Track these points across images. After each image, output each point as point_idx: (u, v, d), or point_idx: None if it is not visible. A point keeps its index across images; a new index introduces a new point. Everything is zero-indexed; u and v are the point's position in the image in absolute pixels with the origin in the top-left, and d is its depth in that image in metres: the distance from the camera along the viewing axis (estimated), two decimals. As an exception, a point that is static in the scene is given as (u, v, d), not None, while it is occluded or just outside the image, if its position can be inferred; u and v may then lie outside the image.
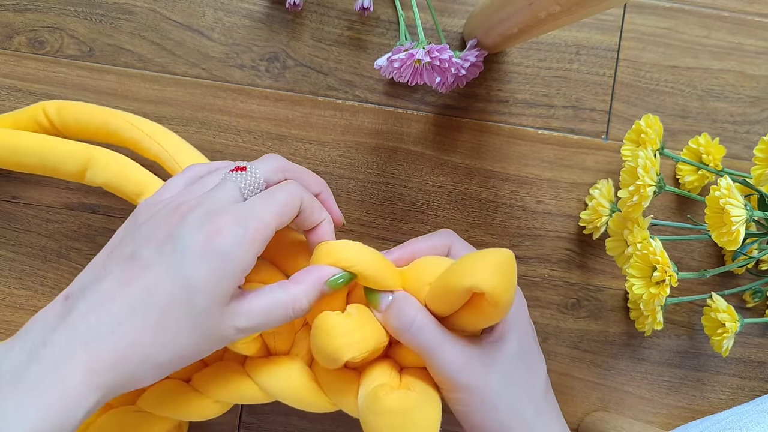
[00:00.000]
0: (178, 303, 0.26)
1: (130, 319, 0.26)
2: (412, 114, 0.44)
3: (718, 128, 0.45)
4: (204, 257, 0.26)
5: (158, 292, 0.26)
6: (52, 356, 0.25)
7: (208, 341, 0.27)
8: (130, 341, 0.26)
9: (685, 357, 0.45)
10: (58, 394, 0.24)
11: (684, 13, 0.45)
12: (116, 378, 0.26)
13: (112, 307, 0.26)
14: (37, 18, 0.42)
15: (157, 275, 0.26)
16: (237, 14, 0.43)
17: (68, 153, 0.37)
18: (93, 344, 0.25)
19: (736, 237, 0.33)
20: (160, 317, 0.26)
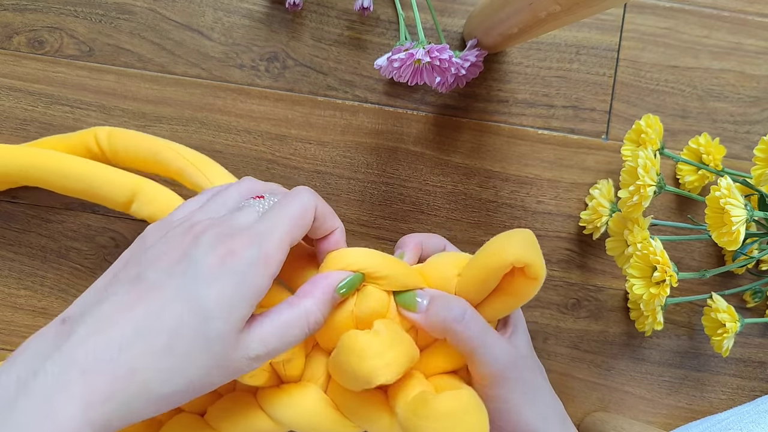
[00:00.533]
0: (189, 327, 0.24)
1: (132, 345, 0.23)
2: (412, 114, 0.44)
3: (718, 128, 0.45)
4: (218, 279, 0.24)
5: (166, 316, 0.24)
6: (44, 388, 0.22)
7: (220, 372, 0.25)
8: (130, 369, 0.23)
9: (686, 357, 0.45)
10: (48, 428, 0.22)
11: (684, 13, 0.45)
12: (113, 410, 0.23)
13: (113, 331, 0.24)
14: (36, 18, 0.42)
15: (165, 297, 0.24)
16: (237, 14, 0.43)
17: (116, 183, 0.37)
18: (90, 373, 0.23)
19: (736, 237, 0.33)
20: (167, 343, 0.24)
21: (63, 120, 0.42)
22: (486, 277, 0.29)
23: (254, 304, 0.25)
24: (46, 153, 0.38)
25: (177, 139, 0.42)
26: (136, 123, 0.42)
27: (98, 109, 0.42)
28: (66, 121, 0.42)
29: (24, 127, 0.42)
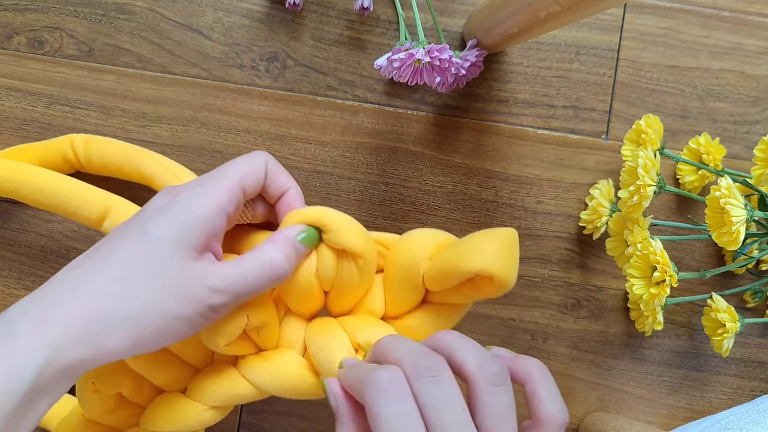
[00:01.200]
0: (139, 254, 0.26)
1: (89, 278, 0.26)
2: (412, 114, 0.44)
3: (718, 128, 0.45)
4: (166, 213, 0.27)
5: (120, 251, 0.26)
6: (7, 320, 0.25)
7: (178, 300, 0.26)
8: (88, 296, 0.25)
9: (686, 357, 0.45)
10: (6, 352, 0.24)
11: (684, 13, 0.45)
12: (72, 335, 0.25)
13: (71, 273, 0.26)
14: (36, 18, 0.42)
15: (120, 239, 0.27)
16: (237, 14, 0.43)
17: (89, 199, 0.37)
18: (47, 304, 0.25)
19: (736, 237, 0.33)
20: (121, 272, 0.26)
21: (63, 120, 0.42)
22: (450, 276, 0.29)
23: (205, 232, 0.27)
24: (18, 165, 0.38)
25: (177, 139, 0.42)
26: (136, 123, 0.42)
27: (98, 109, 0.42)
28: (66, 121, 0.42)
29: (24, 127, 0.42)
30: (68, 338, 0.25)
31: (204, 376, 0.33)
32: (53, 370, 0.24)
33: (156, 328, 0.26)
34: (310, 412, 0.43)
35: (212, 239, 0.28)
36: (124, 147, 0.39)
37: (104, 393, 0.32)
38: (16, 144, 0.42)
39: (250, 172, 0.29)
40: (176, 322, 0.26)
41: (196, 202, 0.27)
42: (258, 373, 0.32)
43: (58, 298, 0.26)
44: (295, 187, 0.32)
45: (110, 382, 0.32)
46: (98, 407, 0.33)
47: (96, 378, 0.32)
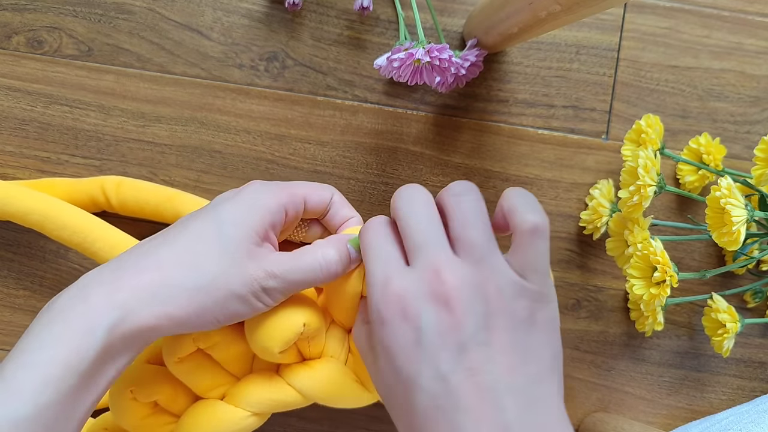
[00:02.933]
0: (207, 233, 0.29)
1: (159, 249, 0.29)
2: (412, 114, 0.44)
3: (718, 128, 0.45)
4: (233, 201, 0.30)
5: (190, 228, 0.29)
6: (82, 285, 0.28)
7: (238, 276, 0.28)
8: (157, 264, 0.28)
9: (686, 357, 0.45)
10: (80, 312, 0.26)
11: (684, 12, 0.45)
12: (140, 298, 0.27)
13: (144, 245, 0.29)
14: (35, 17, 0.42)
15: (192, 219, 0.30)
16: (236, 14, 0.43)
17: (113, 243, 0.38)
18: (119, 269, 0.28)
19: (736, 237, 0.33)
20: (188, 244, 0.28)
21: (62, 120, 0.42)
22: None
23: (266, 220, 0.29)
24: (48, 200, 0.38)
25: (176, 138, 0.42)
26: (135, 123, 0.42)
27: (97, 108, 0.42)
28: (65, 121, 0.42)
29: (23, 126, 0.42)
30: (137, 300, 0.27)
31: (248, 383, 0.34)
32: (122, 331, 0.26)
33: (217, 300, 0.28)
34: (310, 412, 0.43)
35: (271, 229, 0.30)
36: (160, 189, 0.40)
37: (141, 401, 0.32)
38: (14, 143, 0.42)
39: (315, 192, 0.32)
40: (233, 300, 0.28)
41: (260, 194, 0.30)
42: (304, 380, 0.32)
43: (129, 265, 0.28)
44: (357, 217, 0.34)
45: (148, 389, 0.32)
46: (133, 415, 0.33)
47: (134, 385, 0.32)
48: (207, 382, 0.33)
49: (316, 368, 0.33)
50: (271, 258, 0.29)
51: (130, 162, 0.42)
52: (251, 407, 0.33)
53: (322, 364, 0.33)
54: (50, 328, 0.26)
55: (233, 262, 0.28)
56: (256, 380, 0.33)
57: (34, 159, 0.42)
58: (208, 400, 0.34)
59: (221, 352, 0.33)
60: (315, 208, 0.33)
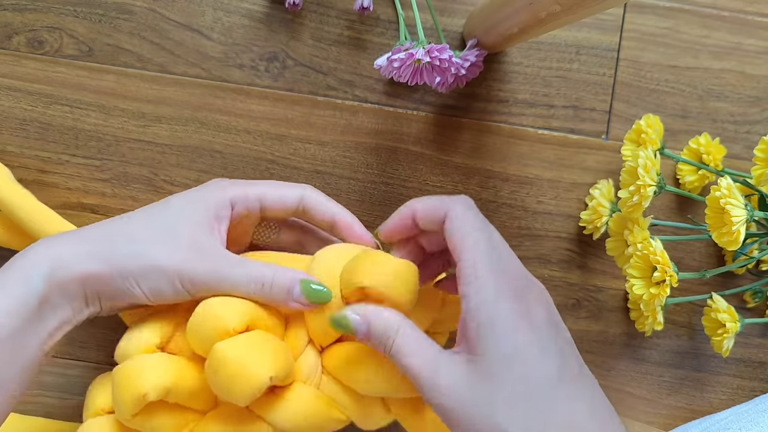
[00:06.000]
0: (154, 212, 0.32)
1: (105, 223, 0.32)
2: (412, 114, 0.44)
3: (718, 128, 0.45)
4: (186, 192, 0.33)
5: (141, 210, 0.32)
6: (28, 246, 0.30)
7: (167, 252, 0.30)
8: (97, 230, 0.31)
9: (686, 357, 0.45)
10: (19, 265, 0.29)
11: (684, 12, 0.45)
12: (75, 253, 0.29)
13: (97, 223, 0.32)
14: (36, 18, 0.42)
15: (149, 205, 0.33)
16: (236, 14, 0.43)
17: None
18: (64, 235, 0.31)
19: (736, 237, 0.33)
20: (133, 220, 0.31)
21: (62, 120, 0.42)
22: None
23: (210, 212, 0.31)
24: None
25: (176, 138, 0.42)
26: (135, 123, 0.42)
27: (98, 108, 0.42)
28: (65, 121, 0.42)
29: (23, 126, 0.42)
30: (72, 255, 0.29)
31: (212, 421, 0.31)
32: (58, 280, 0.29)
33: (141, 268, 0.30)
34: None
35: (216, 222, 0.31)
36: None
37: None
38: (15, 143, 0.42)
39: (274, 191, 0.33)
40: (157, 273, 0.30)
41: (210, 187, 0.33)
42: (278, 412, 0.30)
43: (74, 232, 0.31)
44: (344, 212, 0.34)
45: None
46: None
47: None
48: (170, 426, 0.31)
49: (289, 398, 0.30)
50: (210, 250, 0.30)
51: (131, 162, 0.42)
52: None
53: (294, 393, 0.31)
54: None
55: (170, 241, 0.30)
56: (223, 416, 0.31)
57: (35, 159, 0.42)
58: None
59: (177, 395, 0.30)
60: (274, 206, 0.33)
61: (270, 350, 0.29)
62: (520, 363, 0.24)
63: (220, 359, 0.28)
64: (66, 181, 0.42)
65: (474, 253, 0.26)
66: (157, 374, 0.29)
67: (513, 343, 0.25)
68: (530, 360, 0.24)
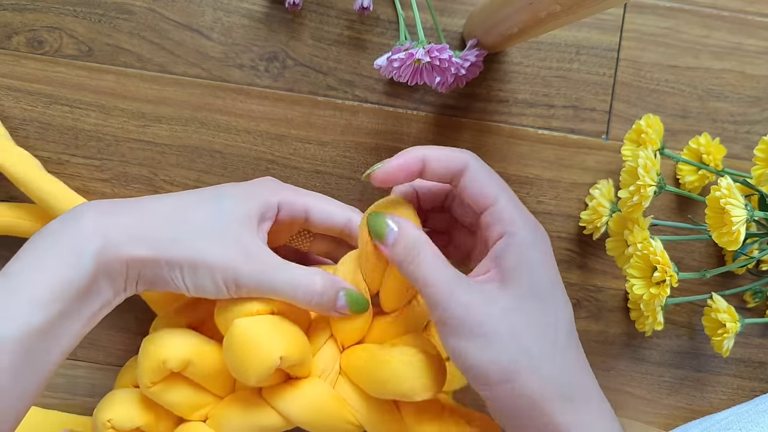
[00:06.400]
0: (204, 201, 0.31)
1: (153, 203, 0.30)
2: (412, 114, 0.44)
3: (718, 128, 0.45)
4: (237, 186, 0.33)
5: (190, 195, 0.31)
6: (78, 211, 0.29)
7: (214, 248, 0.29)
8: (146, 212, 0.29)
9: (686, 357, 0.45)
10: (71, 234, 0.27)
11: (684, 12, 0.45)
12: (121, 233, 0.28)
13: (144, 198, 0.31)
14: (36, 18, 0.42)
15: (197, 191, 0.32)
16: (236, 14, 0.43)
17: None
18: (113, 207, 0.29)
19: (736, 237, 0.33)
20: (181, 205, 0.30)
21: (62, 120, 0.42)
22: None
23: (260, 207, 0.31)
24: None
25: (176, 138, 0.42)
26: (135, 123, 0.42)
27: (97, 108, 0.42)
28: (65, 121, 0.42)
29: (23, 126, 0.42)
30: (119, 235, 0.28)
31: (227, 406, 0.32)
32: (106, 259, 0.27)
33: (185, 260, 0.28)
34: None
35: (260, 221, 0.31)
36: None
37: (121, 430, 0.32)
38: (15, 143, 0.42)
39: (322, 206, 0.33)
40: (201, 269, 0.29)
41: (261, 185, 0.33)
42: (287, 402, 0.31)
43: (121, 208, 0.30)
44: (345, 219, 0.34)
45: (127, 418, 0.32)
46: None
47: (113, 414, 0.31)
48: (187, 404, 0.32)
49: (302, 389, 0.31)
50: (256, 251, 0.30)
51: (131, 162, 0.42)
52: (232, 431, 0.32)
53: (307, 385, 0.31)
54: (41, 248, 0.27)
55: (216, 236, 0.29)
56: (238, 402, 0.32)
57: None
58: (191, 424, 0.32)
59: (196, 372, 0.31)
60: (319, 221, 0.33)
61: (285, 333, 0.30)
62: (551, 301, 0.27)
63: (235, 334, 0.29)
64: (66, 181, 0.42)
65: (508, 199, 0.28)
66: (179, 345, 0.30)
67: (548, 282, 0.27)
68: (559, 302, 0.27)
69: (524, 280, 0.26)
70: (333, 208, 0.33)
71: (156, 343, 0.31)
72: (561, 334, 0.26)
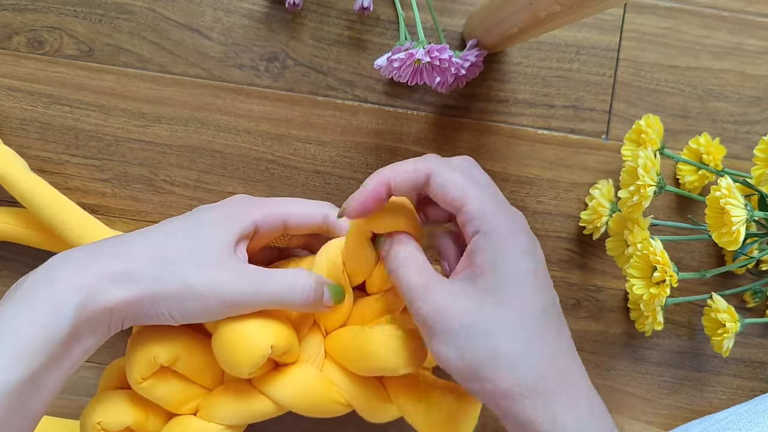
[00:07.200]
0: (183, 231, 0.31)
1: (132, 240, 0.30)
2: (412, 114, 0.44)
3: (718, 128, 0.45)
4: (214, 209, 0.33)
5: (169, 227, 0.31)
6: (51, 266, 0.28)
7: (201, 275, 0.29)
8: (125, 252, 0.29)
9: (686, 357, 0.45)
10: (47, 291, 0.27)
11: (684, 13, 0.45)
12: (102, 281, 0.28)
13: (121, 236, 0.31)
14: (36, 18, 0.42)
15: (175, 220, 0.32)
16: (236, 14, 0.43)
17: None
18: (89, 255, 0.29)
19: (736, 237, 0.33)
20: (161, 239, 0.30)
21: (62, 120, 0.42)
22: None
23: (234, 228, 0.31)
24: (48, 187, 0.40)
25: (176, 138, 0.42)
26: (135, 123, 0.42)
27: (98, 109, 0.42)
28: (65, 121, 0.42)
29: (24, 127, 0.42)
30: (101, 284, 0.28)
31: (218, 395, 0.33)
32: (88, 312, 0.27)
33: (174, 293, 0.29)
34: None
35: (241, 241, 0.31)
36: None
37: (111, 431, 0.32)
38: (15, 143, 0.42)
39: (300, 212, 0.34)
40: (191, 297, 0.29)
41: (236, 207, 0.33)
42: (278, 388, 0.32)
43: (99, 252, 0.29)
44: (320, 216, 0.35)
45: (115, 417, 0.32)
46: None
47: (102, 416, 0.32)
48: (177, 398, 0.32)
49: (291, 375, 0.32)
50: (244, 270, 0.30)
51: (131, 162, 0.42)
52: (225, 420, 0.32)
53: (296, 370, 0.32)
54: (18, 307, 0.26)
55: (200, 263, 0.29)
56: (228, 391, 0.33)
57: (35, 159, 0.42)
58: (182, 418, 0.33)
59: (185, 366, 0.32)
60: (297, 226, 0.34)
61: (272, 323, 0.31)
62: (519, 291, 0.26)
63: (225, 330, 0.30)
64: (66, 181, 0.42)
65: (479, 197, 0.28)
66: (168, 339, 0.31)
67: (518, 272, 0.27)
68: (528, 290, 0.27)
69: (490, 275, 0.26)
70: (308, 209, 0.34)
71: (145, 338, 0.31)
72: (531, 323, 0.26)
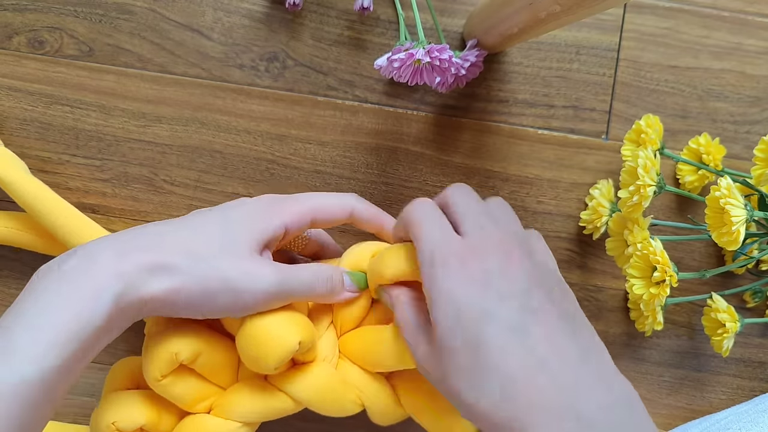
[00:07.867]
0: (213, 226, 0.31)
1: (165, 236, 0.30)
2: (412, 114, 0.44)
3: (718, 128, 0.45)
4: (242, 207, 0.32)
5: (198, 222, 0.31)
6: (92, 250, 0.28)
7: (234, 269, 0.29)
8: (159, 246, 0.29)
9: (686, 357, 0.45)
10: (91, 275, 0.27)
11: (684, 13, 0.45)
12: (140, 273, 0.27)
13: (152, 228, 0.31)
14: (36, 18, 0.42)
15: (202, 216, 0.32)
16: (237, 14, 0.43)
17: None
18: (127, 244, 0.29)
19: (736, 237, 0.33)
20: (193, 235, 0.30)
21: (63, 120, 0.42)
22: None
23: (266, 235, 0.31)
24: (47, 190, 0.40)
25: (177, 138, 0.42)
26: (135, 123, 0.42)
27: (98, 109, 0.42)
28: (66, 121, 0.42)
29: (24, 127, 0.42)
30: (138, 276, 0.27)
31: (235, 393, 0.33)
32: (124, 302, 0.27)
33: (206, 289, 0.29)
34: (311, 412, 0.43)
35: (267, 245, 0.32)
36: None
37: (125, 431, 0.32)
38: (15, 143, 0.42)
39: (327, 208, 0.34)
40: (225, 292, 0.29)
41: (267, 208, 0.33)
42: (296, 385, 0.32)
43: (135, 242, 0.29)
44: (389, 222, 0.35)
45: (129, 417, 0.32)
46: None
47: (116, 416, 0.32)
48: (193, 396, 0.33)
49: (310, 372, 0.33)
50: (270, 264, 0.31)
51: (131, 162, 0.42)
52: (242, 417, 0.32)
53: (315, 368, 0.33)
54: (57, 289, 0.26)
55: (232, 257, 0.30)
56: (244, 389, 0.33)
57: (36, 159, 0.42)
58: (196, 416, 0.33)
59: (205, 363, 0.32)
60: (326, 223, 0.34)
61: (298, 320, 0.31)
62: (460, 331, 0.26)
63: (254, 323, 0.31)
64: (66, 181, 0.42)
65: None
66: (190, 337, 0.31)
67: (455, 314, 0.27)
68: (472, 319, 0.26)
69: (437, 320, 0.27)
70: (335, 203, 0.34)
71: (166, 335, 0.31)
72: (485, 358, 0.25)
